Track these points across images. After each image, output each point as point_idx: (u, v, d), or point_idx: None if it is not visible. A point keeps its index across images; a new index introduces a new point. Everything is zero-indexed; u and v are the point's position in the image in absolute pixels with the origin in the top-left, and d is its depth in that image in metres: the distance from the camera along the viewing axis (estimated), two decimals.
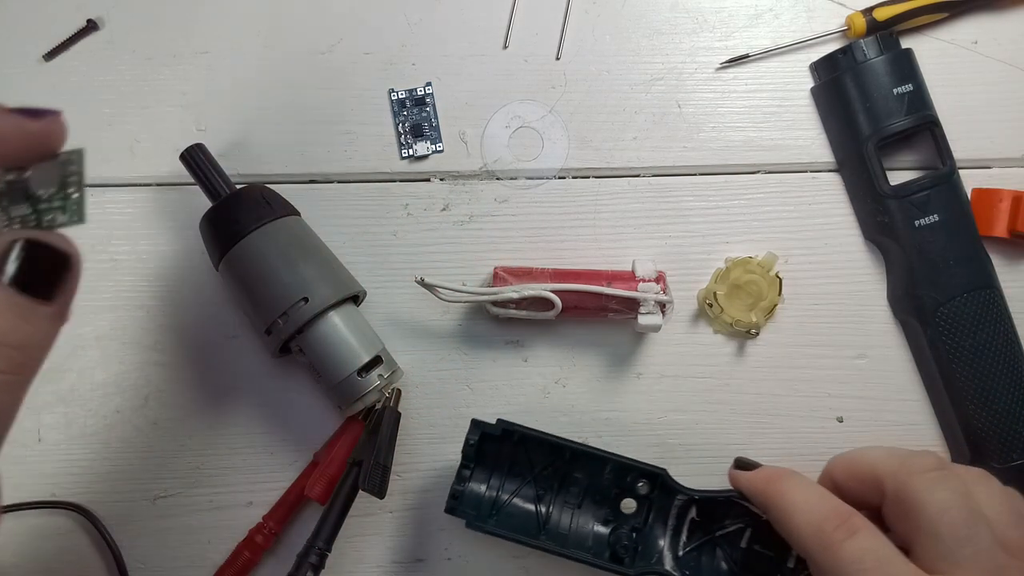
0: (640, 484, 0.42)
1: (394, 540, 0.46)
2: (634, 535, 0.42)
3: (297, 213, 0.45)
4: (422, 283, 0.43)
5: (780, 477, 0.36)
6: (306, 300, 0.41)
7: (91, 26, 0.49)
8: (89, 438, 0.47)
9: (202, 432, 0.47)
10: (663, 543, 0.42)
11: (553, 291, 0.43)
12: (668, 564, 0.42)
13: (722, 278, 0.46)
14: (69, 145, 0.31)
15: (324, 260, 0.44)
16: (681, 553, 0.42)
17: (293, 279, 0.41)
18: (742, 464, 0.40)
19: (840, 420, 0.47)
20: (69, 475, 0.47)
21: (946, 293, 0.45)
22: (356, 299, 0.46)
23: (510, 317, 0.45)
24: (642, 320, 0.44)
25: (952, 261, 0.45)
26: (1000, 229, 0.46)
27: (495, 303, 0.44)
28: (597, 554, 0.42)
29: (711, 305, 0.46)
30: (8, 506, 0.45)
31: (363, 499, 0.43)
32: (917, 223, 0.46)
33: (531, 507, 0.43)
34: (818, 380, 0.47)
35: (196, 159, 0.44)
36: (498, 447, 0.43)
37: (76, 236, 0.28)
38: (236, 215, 0.42)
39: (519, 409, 0.47)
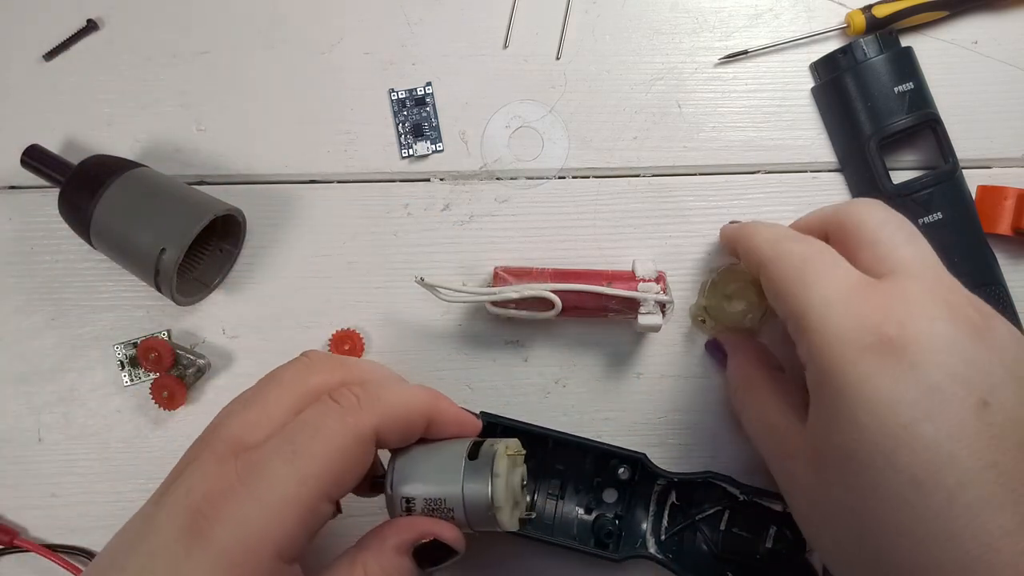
0: (621, 470, 0.44)
1: None
2: (617, 522, 0.44)
3: (137, 166, 0.45)
4: (422, 283, 0.43)
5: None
6: (164, 251, 0.41)
7: (91, 26, 0.49)
8: (89, 438, 0.47)
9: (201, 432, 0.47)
10: (645, 527, 0.44)
11: (553, 291, 0.43)
12: (651, 548, 0.44)
13: (710, 292, 0.46)
14: None
15: (171, 201, 0.43)
16: (663, 537, 0.44)
17: (144, 239, 0.42)
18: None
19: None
20: (69, 475, 0.47)
21: None
22: (236, 225, 0.46)
23: (510, 317, 0.45)
24: (642, 320, 0.43)
25: (957, 258, 0.45)
26: (1004, 227, 0.46)
27: (495, 303, 0.44)
28: (582, 541, 0.44)
29: (703, 321, 0.46)
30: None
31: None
32: (921, 221, 0.45)
33: None
34: None
35: (35, 157, 0.45)
36: None
37: None
38: (78, 198, 0.43)
39: (519, 409, 0.47)
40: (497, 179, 0.49)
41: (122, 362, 0.47)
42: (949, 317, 0.30)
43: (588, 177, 0.49)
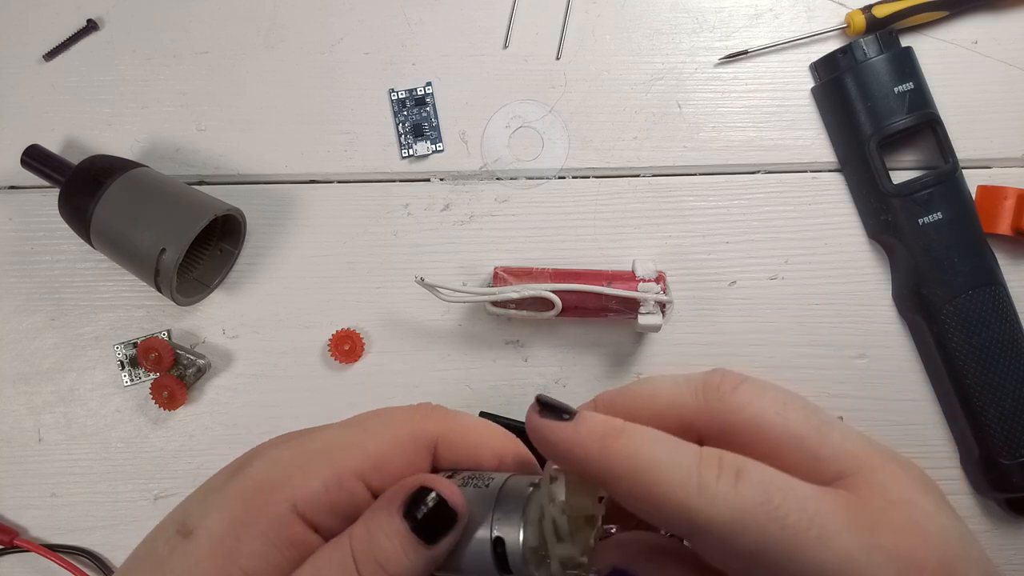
0: None
1: None
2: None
3: (137, 166, 0.45)
4: (422, 283, 0.43)
5: (618, 432, 0.26)
6: (164, 251, 0.41)
7: (91, 26, 0.49)
8: (89, 438, 0.47)
9: (201, 431, 0.47)
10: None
11: (553, 291, 0.43)
12: None
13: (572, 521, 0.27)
14: None
15: (171, 201, 0.43)
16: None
17: (144, 239, 0.42)
18: (548, 406, 0.26)
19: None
20: (69, 475, 0.47)
21: (952, 290, 0.45)
22: (236, 225, 0.46)
23: (510, 317, 0.45)
24: (642, 320, 0.43)
25: (957, 258, 0.45)
26: (1004, 227, 0.46)
27: (495, 303, 0.44)
28: None
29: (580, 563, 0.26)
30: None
31: None
32: (921, 221, 0.45)
33: None
34: (818, 380, 0.47)
35: (34, 157, 0.45)
36: None
37: None
38: (77, 198, 0.43)
39: (519, 409, 0.47)
40: (497, 179, 0.49)
41: (122, 362, 0.47)
42: (937, 500, 0.24)
43: (588, 177, 0.49)
